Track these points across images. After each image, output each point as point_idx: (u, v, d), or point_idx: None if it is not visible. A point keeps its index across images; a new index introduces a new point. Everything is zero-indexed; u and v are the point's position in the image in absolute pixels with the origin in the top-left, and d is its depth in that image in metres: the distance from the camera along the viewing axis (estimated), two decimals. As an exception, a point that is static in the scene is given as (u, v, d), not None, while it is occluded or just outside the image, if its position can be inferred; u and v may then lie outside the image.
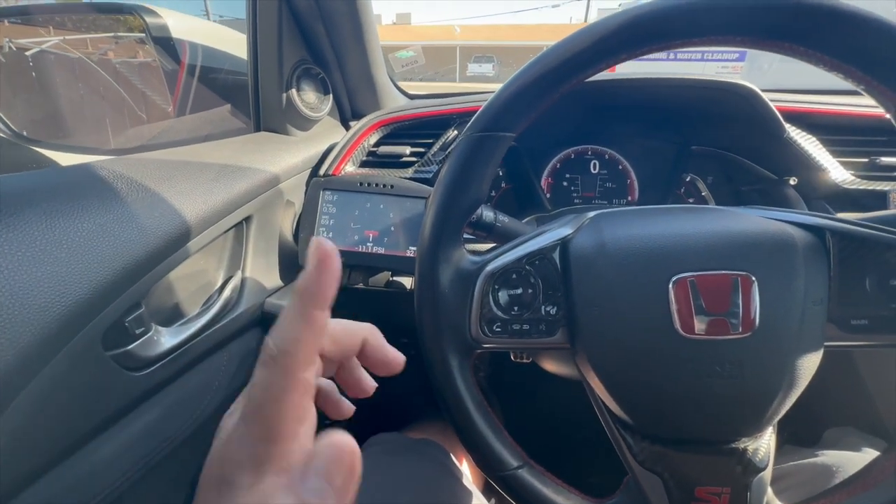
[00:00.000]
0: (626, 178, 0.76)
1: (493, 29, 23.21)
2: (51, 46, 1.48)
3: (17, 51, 1.44)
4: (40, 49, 1.46)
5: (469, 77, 19.97)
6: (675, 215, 0.38)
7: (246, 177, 0.53)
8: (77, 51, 1.53)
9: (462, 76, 20.72)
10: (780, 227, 0.35)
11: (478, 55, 20.53)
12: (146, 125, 1.31)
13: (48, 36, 1.49)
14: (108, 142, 1.39)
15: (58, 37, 1.50)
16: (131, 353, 0.39)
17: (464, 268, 0.38)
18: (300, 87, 0.70)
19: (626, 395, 0.36)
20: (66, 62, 1.50)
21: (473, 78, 19.42)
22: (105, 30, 1.55)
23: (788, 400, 0.34)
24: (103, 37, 1.57)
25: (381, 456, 0.56)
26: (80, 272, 0.33)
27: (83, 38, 1.57)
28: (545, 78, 0.35)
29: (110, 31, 1.53)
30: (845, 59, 0.32)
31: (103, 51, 1.59)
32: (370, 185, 0.64)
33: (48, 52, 1.47)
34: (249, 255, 0.57)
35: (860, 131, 0.61)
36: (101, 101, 1.54)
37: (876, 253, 0.34)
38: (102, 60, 1.54)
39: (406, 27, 25.61)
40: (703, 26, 0.32)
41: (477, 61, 19.99)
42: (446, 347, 0.38)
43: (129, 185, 0.40)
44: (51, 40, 1.49)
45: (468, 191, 0.37)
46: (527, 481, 0.37)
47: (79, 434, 0.36)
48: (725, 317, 0.33)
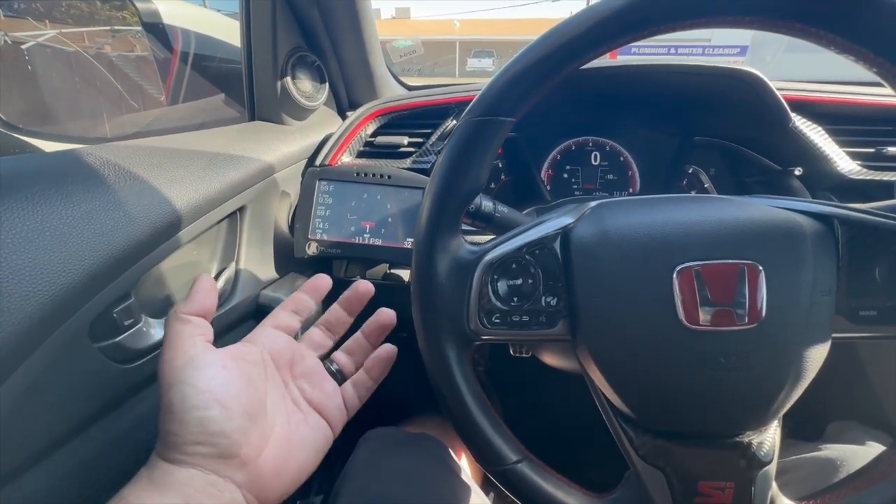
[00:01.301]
0: (628, 170, 0.74)
1: (492, 23, 23.10)
2: (47, 40, 1.46)
3: (12, 44, 1.42)
4: (36, 42, 1.44)
5: (468, 72, 19.90)
6: (680, 204, 0.37)
7: (239, 166, 0.52)
8: (74, 44, 1.51)
9: (461, 71, 20.63)
10: (788, 216, 0.34)
11: (477, 50, 20.44)
12: (138, 114, 1.30)
13: (45, 29, 1.48)
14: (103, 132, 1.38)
15: (54, 30, 1.48)
16: (120, 345, 0.38)
17: (462, 257, 0.37)
18: (295, 76, 0.69)
19: (628, 388, 0.35)
20: (62, 56, 1.48)
21: (473, 73, 19.35)
22: (102, 23, 1.53)
23: (795, 393, 0.33)
24: (100, 30, 1.56)
25: (379, 450, 0.55)
26: (65, 260, 0.32)
27: (80, 32, 1.56)
28: (547, 60, 0.34)
29: (107, 25, 1.51)
30: (858, 41, 0.31)
31: (100, 44, 1.58)
32: (367, 175, 0.62)
33: (45, 46, 1.45)
34: (244, 247, 0.56)
35: (866, 121, 0.60)
36: (97, 94, 1.53)
37: (886, 241, 0.33)
38: (99, 54, 1.52)
39: (405, 21, 25.47)
40: (713, 5, 0.31)
41: (476, 56, 19.89)
42: (443, 339, 0.37)
43: (117, 172, 0.39)
44: (47, 33, 1.47)
45: (467, 177, 0.36)
46: (526, 476, 0.36)
47: (66, 428, 0.35)
48: (731, 307, 0.32)
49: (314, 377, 0.40)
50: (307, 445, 0.37)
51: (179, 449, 0.30)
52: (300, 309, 0.42)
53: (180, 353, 0.33)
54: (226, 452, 0.31)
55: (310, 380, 0.40)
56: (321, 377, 0.41)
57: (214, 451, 0.31)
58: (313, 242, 0.62)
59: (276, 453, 0.34)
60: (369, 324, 0.44)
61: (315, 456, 0.37)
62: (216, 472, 0.31)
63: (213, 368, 0.33)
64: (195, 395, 0.31)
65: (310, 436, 0.37)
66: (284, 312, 0.42)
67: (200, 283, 0.36)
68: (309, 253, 0.62)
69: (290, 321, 0.42)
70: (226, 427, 0.31)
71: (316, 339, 0.43)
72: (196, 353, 0.33)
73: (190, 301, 0.35)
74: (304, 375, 0.40)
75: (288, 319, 0.41)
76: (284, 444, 0.35)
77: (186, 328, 0.34)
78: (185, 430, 0.30)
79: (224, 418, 0.31)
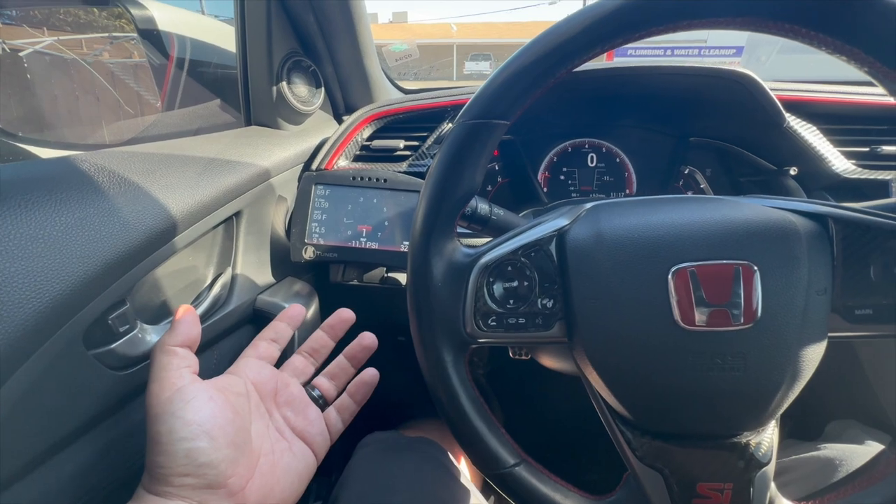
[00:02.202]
0: (624, 171, 0.75)
1: (489, 27, 23.17)
2: (45, 47, 1.46)
3: (10, 52, 1.42)
4: (34, 50, 1.45)
5: (466, 75, 19.96)
6: (675, 205, 0.37)
7: (235, 171, 0.52)
8: (72, 52, 1.52)
9: (459, 74, 20.69)
10: (783, 216, 0.34)
11: (475, 53, 20.50)
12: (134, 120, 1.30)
13: (43, 37, 1.48)
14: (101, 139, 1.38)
15: (52, 37, 1.49)
16: (115, 352, 0.38)
17: (457, 260, 0.37)
18: (291, 81, 0.69)
19: (625, 390, 0.35)
20: (60, 63, 1.48)
21: (471, 76, 19.41)
22: (100, 30, 1.53)
23: (792, 393, 0.33)
24: (98, 37, 1.56)
25: (378, 455, 0.55)
26: (59, 267, 0.32)
27: (78, 39, 1.56)
28: (540, 63, 0.34)
29: (105, 32, 1.51)
30: (849, 40, 0.31)
31: (98, 51, 1.58)
32: (363, 179, 0.62)
33: (43, 53, 1.45)
34: (240, 252, 0.55)
35: (861, 120, 0.60)
36: (94, 101, 1.53)
37: (880, 240, 0.33)
38: (97, 62, 1.52)
39: (403, 26, 25.55)
40: (706, 6, 0.31)
41: (474, 59, 19.96)
42: (440, 343, 0.37)
43: (111, 178, 0.39)
44: (45, 41, 1.47)
45: (461, 180, 0.36)
46: (524, 479, 0.36)
47: (60, 435, 0.35)
48: (727, 307, 0.32)
49: (297, 404, 0.41)
50: (291, 474, 0.38)
51: (167, 481, 0.31)
52: (279, 338, 0.44)
53: (167, 385, 0.33)
54: (213, 483, 0.31)
55: (293, 407, 0.41)
56: (304, 404, 0.41)
57: (202, 483, 0.31)
58: (310, 247, 0.62)
59: (261, 482, 0.35)
60: (351, 347, 0.45)
61: (299, 484, 0.38)
62: (203, 503, 0.31)
63: (199, 400, 0.33)
64: (182, 427, 0.31)
65: (294, 464, 0.38)
66: (264, 342, 0.43)
67: (183, 315, 0.37)
68: (305, 257, 0.61)
69: (270, 350, 0.43)
70: (213, 458, 0.32)
71: (299, 367, 0.44)
72: (183, 385, 0.33)
73: (174, 332, 0.36)
74: (287, 403, 0.41)
75: (268, 348, 0.43)
76: (270, 473, 0.36)
77: (173, 360, 0.34)
78: (172, 462, 0.31)
79: (211, 449, 0.32)
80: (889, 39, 0.30)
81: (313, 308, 0.62)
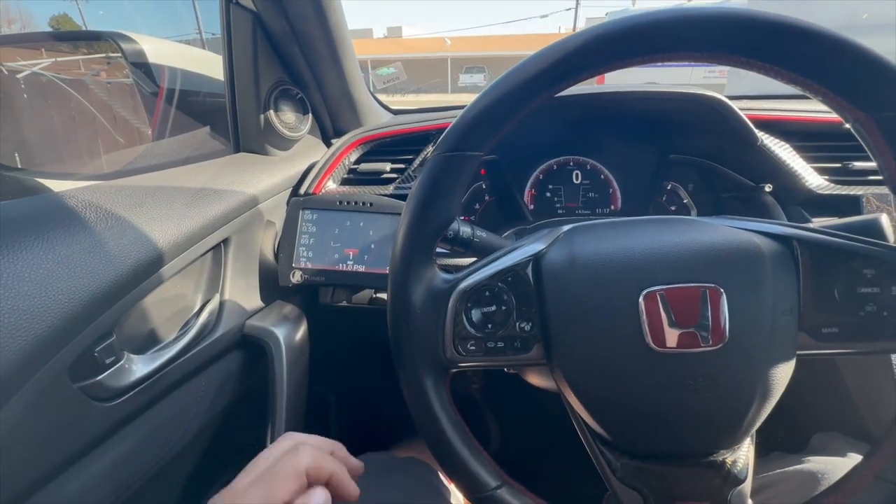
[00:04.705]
0: (609, 188, 0.76)
1: (483, 40, 23.50)
2: (42, 68, 1.48)
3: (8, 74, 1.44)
4: (32, 72, 1.46)
5: (461, 87, 20.20)
6: (646, 227, 0.38)
7: (222, 199, 0.53)
8: (69, 72, 1.53)
9: (454, 87, 20.94)
10: (748, 238, 0.35)
11: (469, 66, 20.78)
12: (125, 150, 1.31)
13: (40, 58, 1.49)
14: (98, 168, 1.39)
15: (50, 59, 1.50)
16: (101, 384, 0.38)
17: (436, 286, 0.38)
18: (278, 108, 0.70)
19: (601, 411, 0.36)
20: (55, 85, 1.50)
21: (465, 88, 19.63)
22: (97, 51, 1.55)
23: (763, 411, 0.34)
24: (95, 58, 1.58)
25: (369, 475, 0.55)
26: (44, 305, 0.33)
27: (75, 60, 1.58)
28: (510, 97, 0.35)
29: (102, 52, 1.53)
30: (803, 72, 0.32)
31: (95, 71, 1.60)
32: (349, 203, 0.64)
33: (39, 74, 1.47)
34: (228, 277, 0.56)
35: (833, 137, 0.62)
36: (91, 123, 1.54)
37: (842, 261, 0.34)
38: (95, 81, 1.54)
39: (397, 40, 25.89)
40: (662, 44, 0.32)
41: (468, 72, 20.24)
42: (420, 368, 0.37)
43: (97, 214, 0.40)
44: (42, 62, 1.49)
45: (438, 211, 0.37)
46: (506, 501, 0.37)
47: (46, 468, 0.35)
48: (696, 329, 0.33)
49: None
50: None
51: None
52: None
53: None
54: None
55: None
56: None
57: None
58: (297, 271, 0.62)
59: None
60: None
61: None
62: None
63: None
64: None
65: None
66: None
67: None
68: (293, 281, 0.62)
69: None
70: None
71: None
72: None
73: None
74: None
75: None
76: None
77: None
78: None
79: None
80: (837, 70, 0.31)
81: (301, 331, 0.63)
